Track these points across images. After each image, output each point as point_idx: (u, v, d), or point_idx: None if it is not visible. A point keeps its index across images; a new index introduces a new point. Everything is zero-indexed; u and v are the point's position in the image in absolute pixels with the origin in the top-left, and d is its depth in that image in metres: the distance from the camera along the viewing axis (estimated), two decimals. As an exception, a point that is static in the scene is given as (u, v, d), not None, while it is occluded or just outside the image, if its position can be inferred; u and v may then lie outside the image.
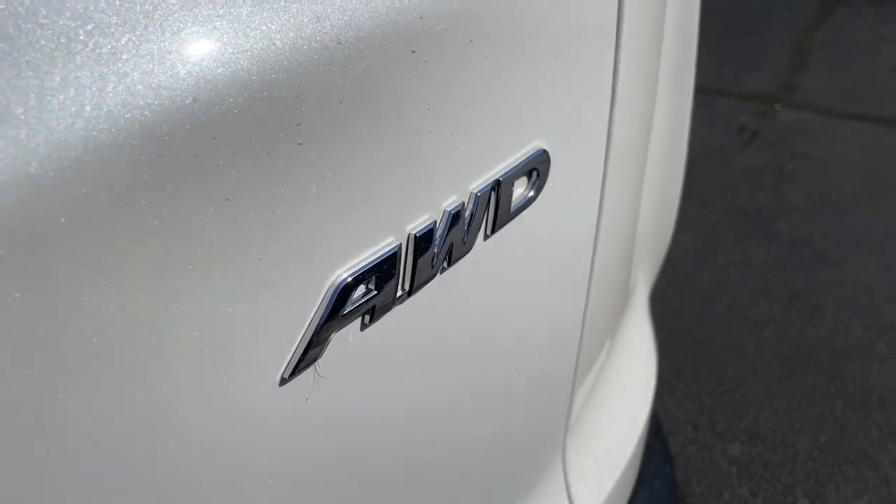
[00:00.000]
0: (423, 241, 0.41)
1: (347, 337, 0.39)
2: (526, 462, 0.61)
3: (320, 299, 0.37)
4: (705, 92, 2.96)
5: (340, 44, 0.34)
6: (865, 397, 1.70)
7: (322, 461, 0.41)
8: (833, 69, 3.08)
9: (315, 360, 0.38)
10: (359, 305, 0.39)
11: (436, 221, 0.42)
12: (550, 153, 0.48)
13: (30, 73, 0.27)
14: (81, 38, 0.28)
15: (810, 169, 2.49)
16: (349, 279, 0.37)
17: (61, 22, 0.28)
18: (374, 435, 0.44)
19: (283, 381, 0.37)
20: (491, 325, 0.49)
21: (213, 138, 0.30)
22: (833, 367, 1.78)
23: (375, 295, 0.39)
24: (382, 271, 0.39)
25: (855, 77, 3.01)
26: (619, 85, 0.54)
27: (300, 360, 0.37)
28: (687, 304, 2.00)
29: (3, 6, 0.27)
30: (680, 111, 0.77)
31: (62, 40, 0.28)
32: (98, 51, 0.28)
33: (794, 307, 1.94)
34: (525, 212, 0.48)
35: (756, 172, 2.51)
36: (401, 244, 0.40)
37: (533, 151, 0.47)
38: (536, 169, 0.48)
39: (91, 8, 0.28)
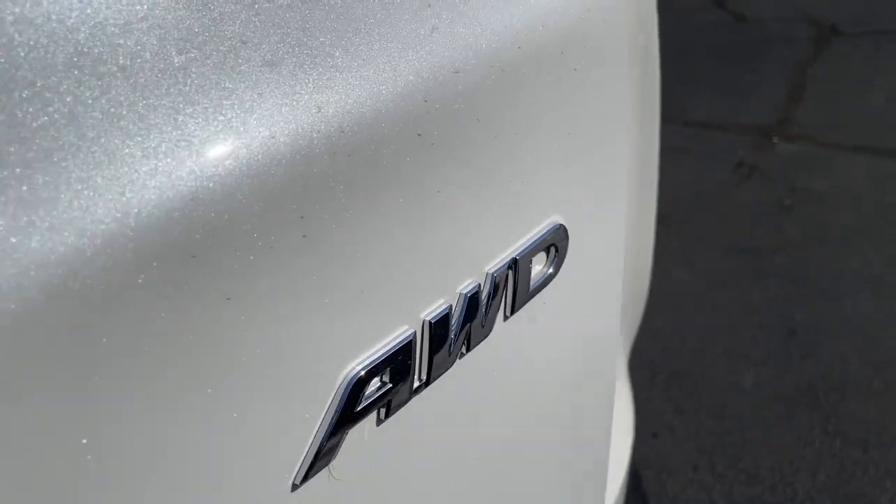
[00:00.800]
0: (438, 328, 0.39)
1: (363, 434, 0.37)
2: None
3: (332, 397, 0.35)
4: (702, 127, 2.97)
5: (343, 132, 0.33)
6: (863, 435, 1.68)
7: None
8: (830, 101, 3.09)
9: (329, 461, 0.35)
10: (374, 400, 0.37)
11: (451, 306, 0.40)
12: (568, 227, 0.46)
13: (37, 177, 0.26)
14: (86, 144, 0.27)
15: (809, 202, 2.49)
16: (362, 373, 0.36)
17: (71, 128, 0.27)
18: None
19: (295, 487, 0.35)
20: (516, 409, 0.46)
21: (213, 236, 0.29)
22: (831, 404, 1.77)
23: (391, 388, 0.37)
24: (397, 362, 0.37)
25: (852, 109, 3.02)
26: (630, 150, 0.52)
27: (312, 463, 0.35)
28: (686, 342, 1.99)
29: (4, 117, 0.26)
30: (648, 171, 0.75)
31: (69, 150, 0.27)
32: (92, 155, 0.27)
33: (792, 343, 1.94)
34: (546, 289, 0.46)
35: (754, 207, 2.51)
36: (415, 332, 0.38)
37: (549, 227, 0.45)
38: (554, 244, 0.46)
39: (92, 112, 0.28)
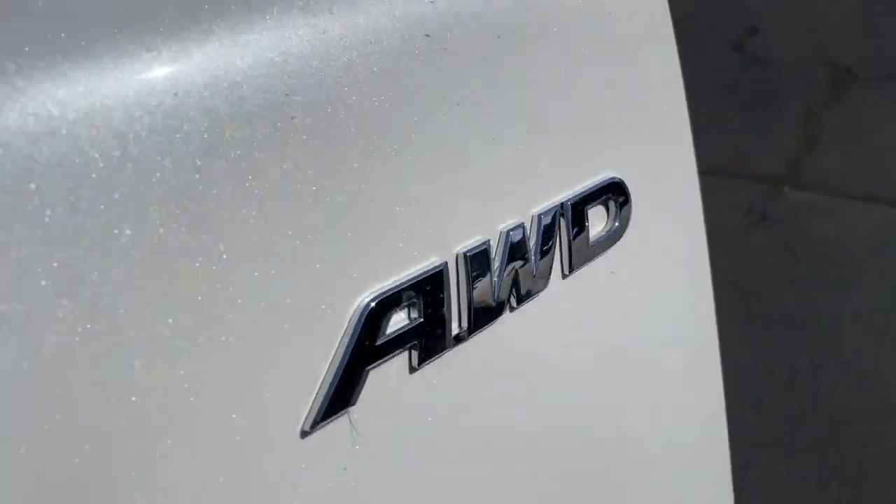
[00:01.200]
0: (476, 265, 0.33)
1: (390, 381, 0.30)
2: None
3: (344, 327, 0.29)
4: (713, 174, 2.89)
5: (332, 13, 0.30)
6: (861, 480, 1.63)
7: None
8: (843, 148, 3.02)
9: (346, 406, 0.29)
10: (397, 338, 0.30)
11: (489, 241, 0.34)
12: (628, 182, 0.41)
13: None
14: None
15: (817, 250, 2.47)
16: (373, 304, 0.29)
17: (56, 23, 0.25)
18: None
19: (305, 434, 0.28)
20: (593, 380, 0.38)
21: (176, 94, 0.25)
22: (831, 447, 1.72)
23: (421, 325, 0.31)
24: (425, 295, 0.31)
25: (865, 156, 2.95)
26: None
27: (325, 406, 0.28)
28: (684, 378, 1.90)
29: None
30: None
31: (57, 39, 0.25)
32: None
33: (794, 386, 1.92)
34: (612, 252, 0.40)
35: (763, 254, 2.49)
36: (446, 263, 0.32)
37: (602, 179, 0.40)
38: (612, 198, 0.40)
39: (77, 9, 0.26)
